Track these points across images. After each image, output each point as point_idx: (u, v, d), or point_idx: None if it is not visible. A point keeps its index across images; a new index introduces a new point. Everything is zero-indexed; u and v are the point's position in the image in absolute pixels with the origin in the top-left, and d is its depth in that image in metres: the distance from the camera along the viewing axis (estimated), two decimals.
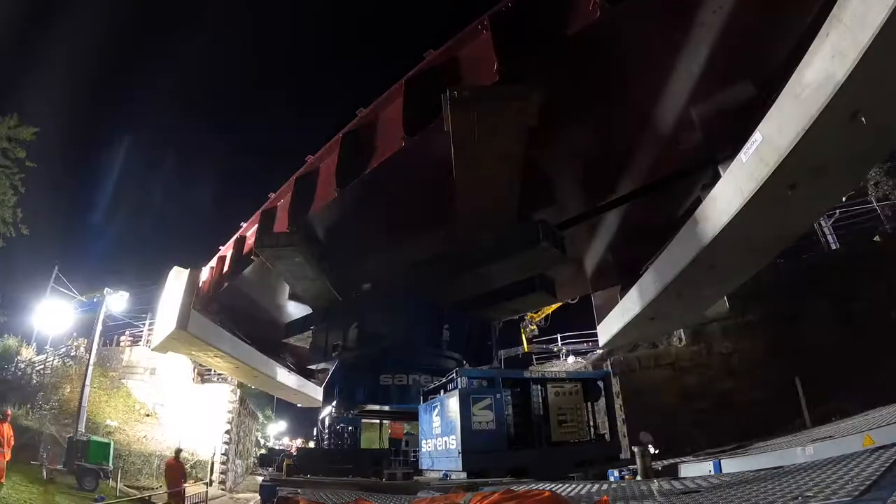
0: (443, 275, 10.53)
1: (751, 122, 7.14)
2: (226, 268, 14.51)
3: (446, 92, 6.84)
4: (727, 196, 7.29)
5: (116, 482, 12.27)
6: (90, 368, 14.87)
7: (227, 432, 18.48)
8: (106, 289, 15.65)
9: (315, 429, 11.86)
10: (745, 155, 6.80)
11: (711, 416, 12.35)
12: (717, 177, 8.06)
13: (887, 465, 2.79)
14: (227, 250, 14.96)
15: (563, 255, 9.22)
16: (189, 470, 14.77)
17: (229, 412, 19.02)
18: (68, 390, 16.36)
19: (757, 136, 6.59)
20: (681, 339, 13.84)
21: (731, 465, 4.86)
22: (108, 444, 12.85)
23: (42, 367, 17.36)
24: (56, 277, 19.33)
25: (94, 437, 13.08)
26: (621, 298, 12.67)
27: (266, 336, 16.26)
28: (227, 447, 17.86)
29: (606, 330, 13.72)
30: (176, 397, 18.64)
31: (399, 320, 10.98)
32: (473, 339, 11.71)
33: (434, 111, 7.57)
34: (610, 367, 14.05)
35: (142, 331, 21.10)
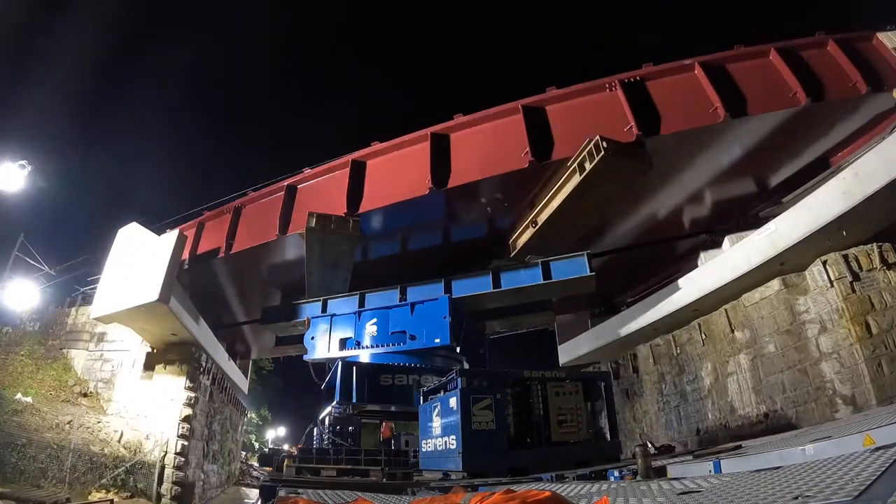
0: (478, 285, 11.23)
1: (747, 209, 11.10)
2: (214, 238, 12.95)
3: (594, 137, 8.61)
4: (734, 262, 9.91)
5: None
6: None
7: (187, 419, 11.95)
8: None
9: (315, 429, 11.82)
10: (758, 236, 9.48)
11: None
12: (713, 242, 11.28)
13: (887, 465, 2.76)
14: (213, 219, 13.42)
15: (594, 284, 10.47)
16: (124, 476, 10.78)
17: (189, 387, 12.40)
18: None
19: (771, 226, 9.21)
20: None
21: (731, 465, 4.82)
22: None
23: None
24: (21, 246, 14.49)
25: None
26: (593, 325, 14.56)
27: (212, 317, 14.51)
28: (185, 444, 11.63)
29: (573, 350, 15.32)
30: (127, 372, 12.94)
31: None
32: (468, 345, 11.76)
33: (563, 146, 9.24)
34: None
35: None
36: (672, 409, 12.40)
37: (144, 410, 12.15)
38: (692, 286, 10.92)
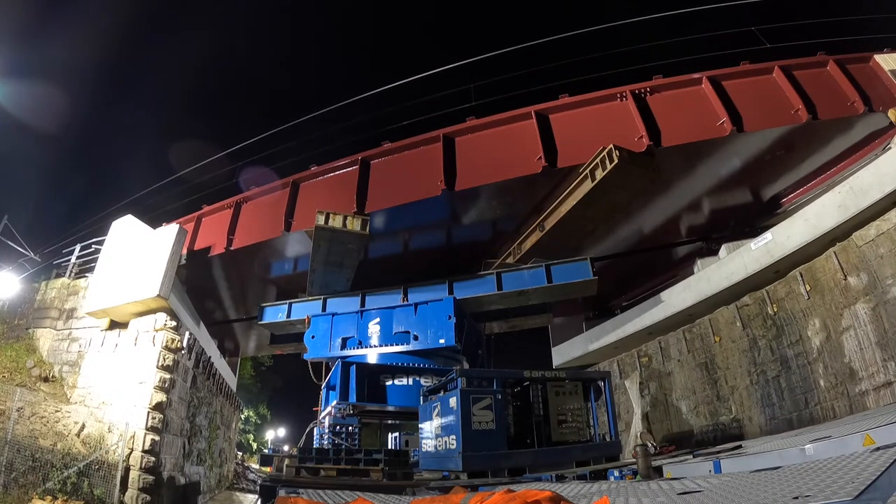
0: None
1: (743, 219, 11.50)
2: (213, 233, 12.59)
3: (608, 146, 8.81)
4: (731, 269, 10.27)
5: None
6: None
7: (159, 407, 9.64)
8: None
9: (316, 429, 11.79)
10: (754, 244, 9.81)
11: None
12: (709, 249, 11.69)
13: (887, 465, 2.80)
14: (212, 213, 13.00)
15: (596, 288, 10.79)
16: (75, 479, 8.50)
17: (164, 366, 9.99)
18: None
19: (768, 236, 9.53)
20: None
21: (731, 465, 4.92)
22: None
23: None
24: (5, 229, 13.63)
25: None
26: (588, 328, 14.82)
27: (203, 313, 13.90)
28: (156, 439, 9.35)
29: (567, 352, 15.57)
30: (96, 351, 10.77)
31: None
32: (469, 346, 11.86)
33: (575, 153, 9.43)
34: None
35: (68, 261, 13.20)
36: (770, 381, 10.23)
37: (111, 397, 9.99)
38: (692, 289, 11.22)
